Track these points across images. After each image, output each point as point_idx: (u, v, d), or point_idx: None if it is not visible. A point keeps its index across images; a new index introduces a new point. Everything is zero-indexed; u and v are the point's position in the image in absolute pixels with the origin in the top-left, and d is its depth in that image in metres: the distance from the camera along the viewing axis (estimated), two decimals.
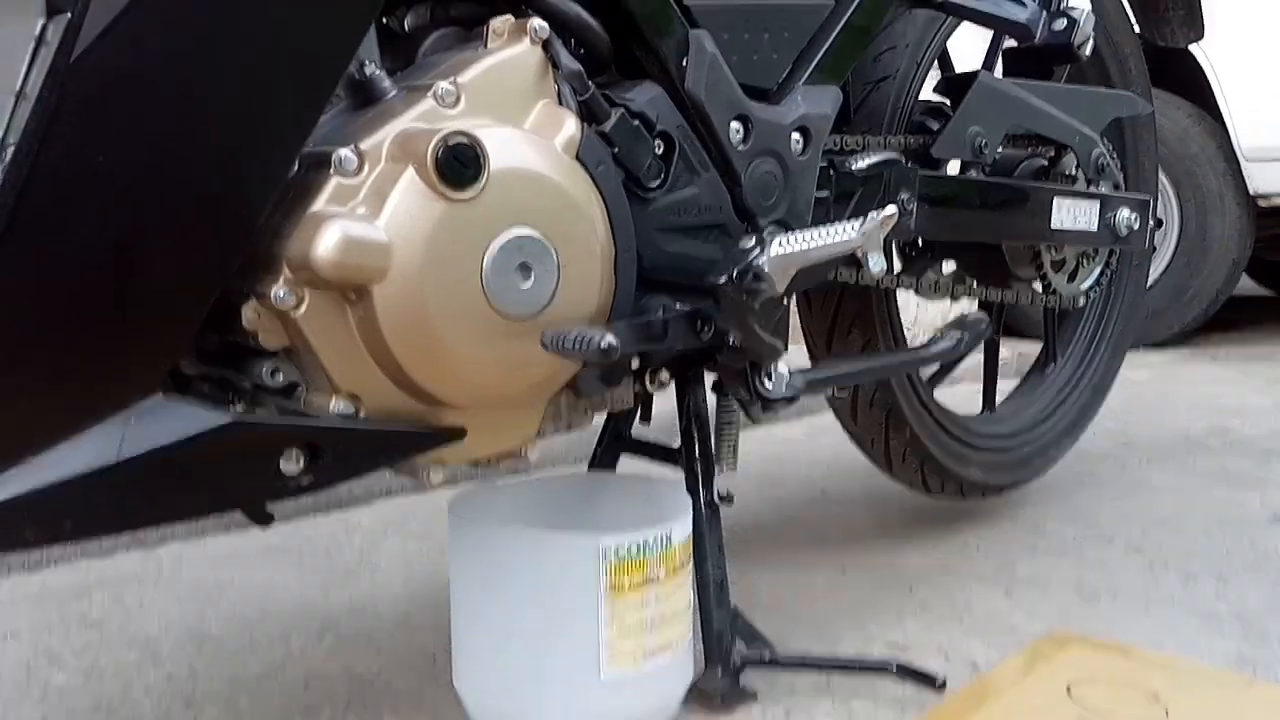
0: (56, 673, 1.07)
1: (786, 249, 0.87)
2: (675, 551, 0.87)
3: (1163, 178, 2.68)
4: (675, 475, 1.00)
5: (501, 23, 0.77)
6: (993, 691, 0.92)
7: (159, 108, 0.62)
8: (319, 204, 0.68)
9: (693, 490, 0.98)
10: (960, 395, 2.08)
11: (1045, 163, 1.32)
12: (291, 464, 0.71)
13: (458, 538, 0.88)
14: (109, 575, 1.36)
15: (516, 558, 0.85)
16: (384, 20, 0.80)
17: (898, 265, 1.35)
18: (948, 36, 1.26)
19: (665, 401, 1.03)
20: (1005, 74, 1.36)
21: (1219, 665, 1.02)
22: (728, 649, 0.96)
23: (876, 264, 0.96)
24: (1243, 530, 1.43)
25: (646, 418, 1.09)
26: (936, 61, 1.27)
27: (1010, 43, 1.37)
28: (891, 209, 0.87)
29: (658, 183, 0.86)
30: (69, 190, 0.61)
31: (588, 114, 0.80)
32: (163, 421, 0.66)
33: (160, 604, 1.26)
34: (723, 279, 0.88)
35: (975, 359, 1.63)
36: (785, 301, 1.02)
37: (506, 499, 0.97)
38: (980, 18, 1.15)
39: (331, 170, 0.68)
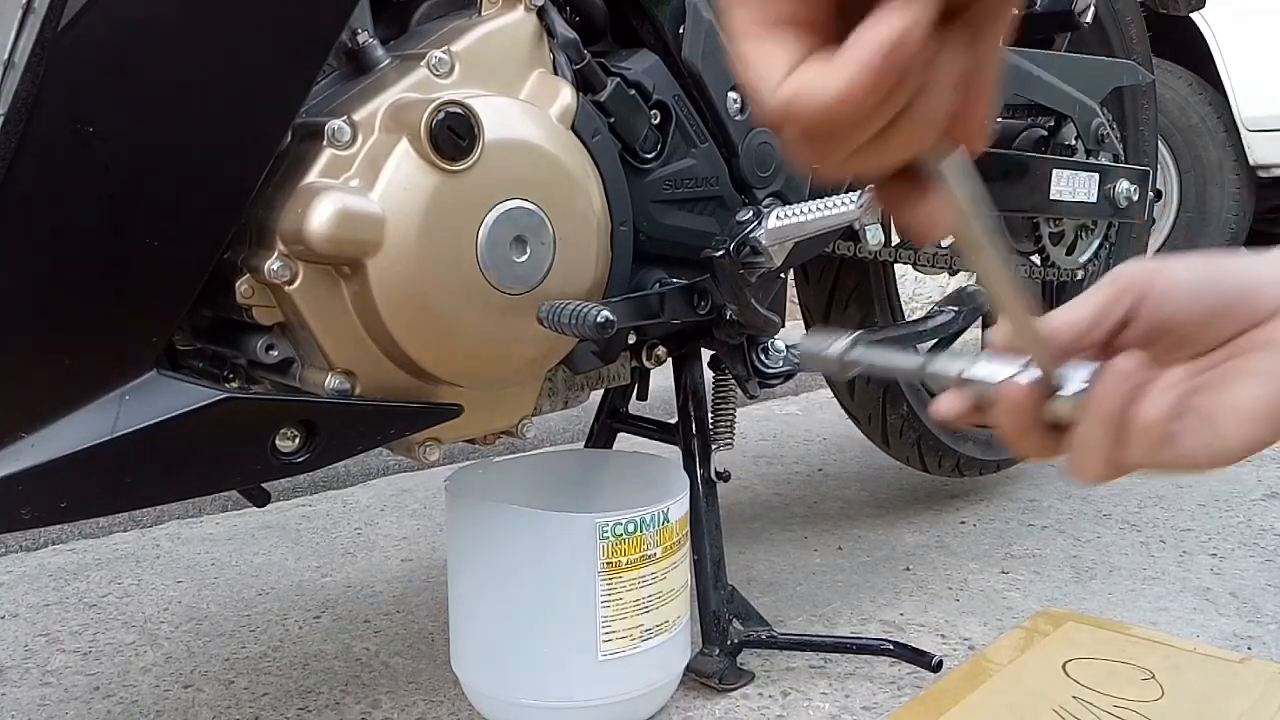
0: (55, 653, 1.07)
1: (784, 221, 0.86)
2: (672, 529, 0.87)
3: (1162, 148, 2.67)
4: (672, 452, 1.00)
5: None
6: (989, 670, 0.92)
7: (148, 77, 0.61)
8: (312, 176, 0.67)
9: (690, 467, 0.97)
10: None
11: (1044, 133, 1.31)
12: (287, 441, 0.70)
13: (455, 516, 0.88)
14: (106, 555, 1.36)
15: (513, 536, 0.84)
16: None
17: (895, 238, 1.35)
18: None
19: (662, 378, 1.03)
20: (1004, 42, 1.35)
21: (1214, 643, 1.02)
22: (725, 628, 0.95)
23: (874, 237, 0.95)
24: (1238, 507, 1.43)
25: (643, 394, 1.09)
26: None
27: None
28: None
29: (654, 154, 0.85)
30: (59, 162, 0.59)
31: (583, 83, 0.79)
32: (157, 398, 0.65)
33: (158, 584, 1.25)
34: (720, 252, 0.87)
35: (973, 334, 1.63)
36: (783, 275, 1.01)
37: (503, 477, 0.97)
38: None
39: (324, 142, 0.67)
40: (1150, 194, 1.41)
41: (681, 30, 0.85)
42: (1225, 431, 0.43)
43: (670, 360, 0.98)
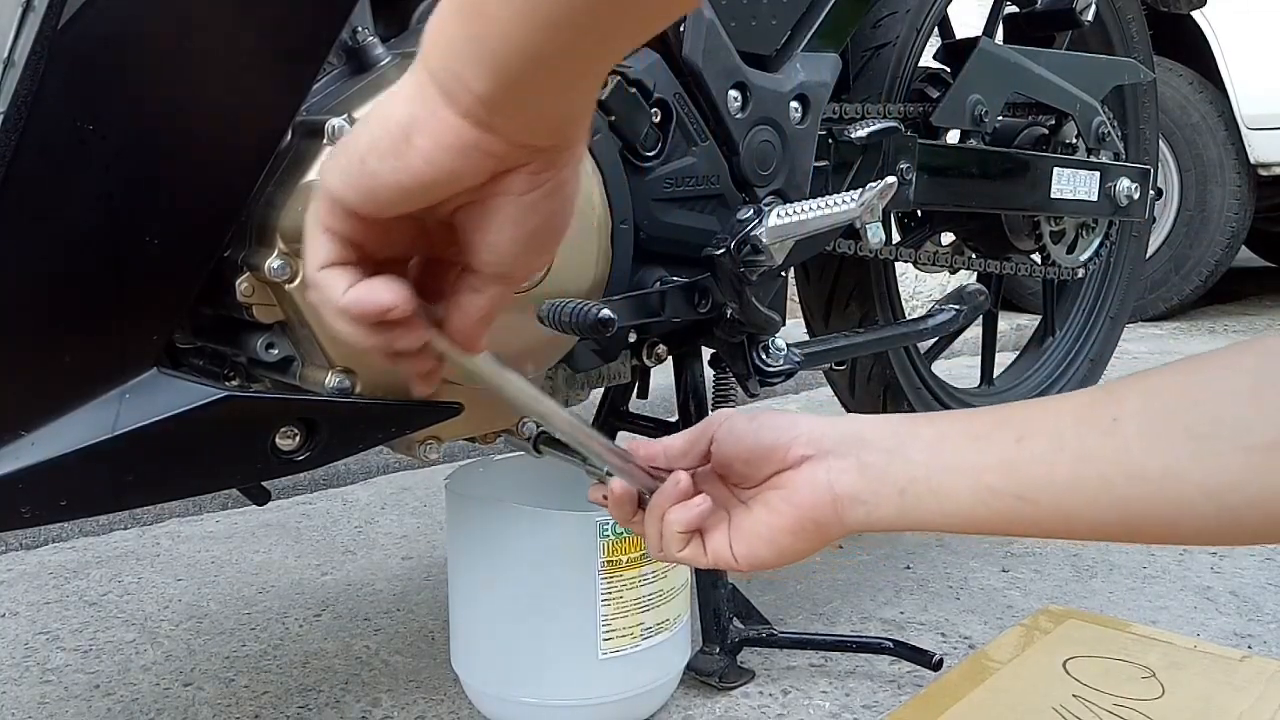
0: (55, 651, 1.07)
1: (785, 220, 0.86)
2: None
3: (1163, 146, 2.67)
4: None
5: None
6: (989, 668, 0.92)
7: (148, 75, 0.60)
8: (313, 174, 0.67)
9: None
10: (958, 368, 2.08)
11: (1045, 131, 1.31)
12: (287, 439, 0.70)
13: (455, 515, 0.88)
14: (106, 553, 1.36)
15: (514, 534, 0.84)
16: None
17: (896, 236, 1.35)
18: (948, 2, 1.25)
19: (663, 376, 1.03)
20: (1006, 40, 1.35)
21: (1214, 641, 1.02)
22: (725, 626, 0.95)
23: (875, 235, 0.95)
24: None
25: (644, 392, 1.08)
26: (937, 28, 1.25)
27: (1011, 8, 1.36)
28: (890, 179, 0.86)
29: (655, 152, 0.85)
30: (59, 160, 0.59)
31: None
32: (157, 396, 0.65)
33: (158, 582, 1.25)
34: (720, 250, 0.87)
35: (974, 332, 1.63)
36: (783, 273, 1.01)
37: (504, 475, 0.97)
38: None
39: (325, 140, 0.67)
40: (1151, 192, 1.41)
41: (682, 28, 0.85)
42: (738, 543, 0.55)
43: (671, 358, 0.98)
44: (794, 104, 0.95)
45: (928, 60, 1.22)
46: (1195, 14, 2.67)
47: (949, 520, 0.51)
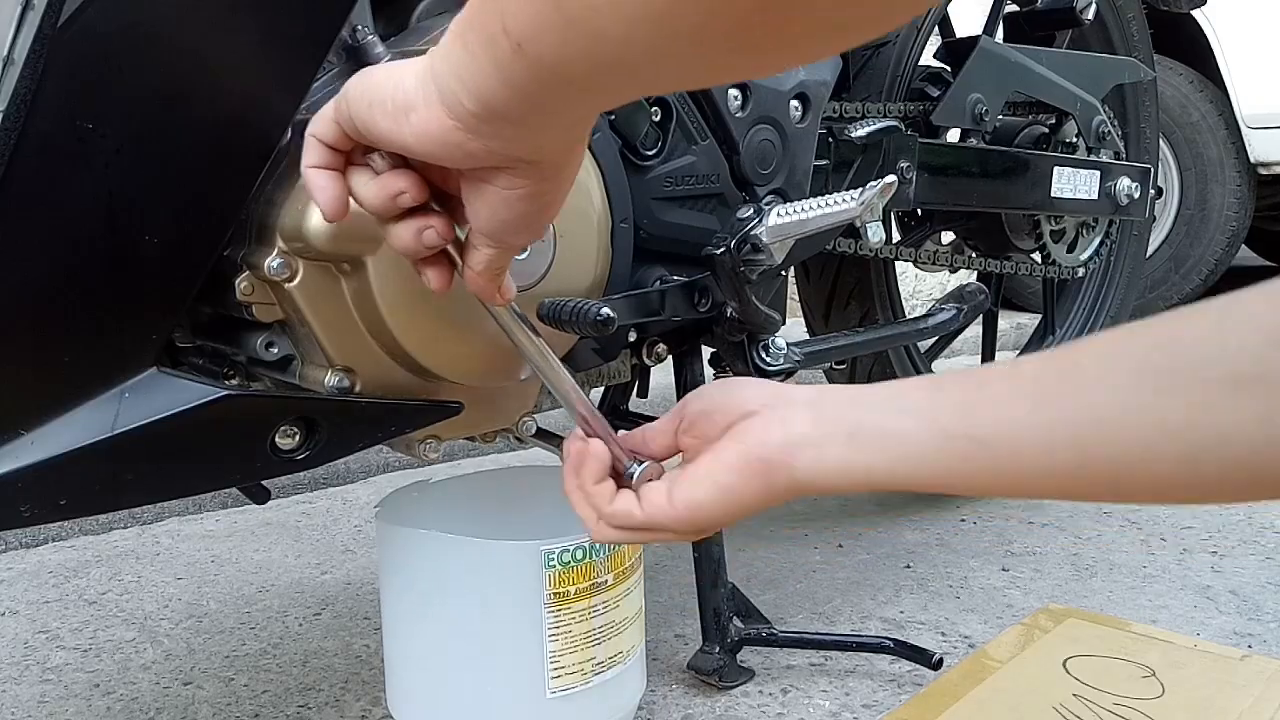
0: (55, 650, 1.07)
1: (785, 219, 0.86)
2: (624, 553, 0.80)
3: (1163, 145, 2.67)
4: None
5: None
6: (989, 667, 0.92)
7: (148, 74, 0.60)
8: None
9: None
10: (958, 368, 2.08)
11: (1046, 130, 1.31)
12: (287, 439, 0.70)
13: (387, 545, 0.80)
14: (106, 552, 1.36)
15: (451, 567, 0.77)
16: None
17: (896, 235, 1.35)
18: (948, 1, 1.25)
19: (663, 375, 1.03)
20: (1006, 39, 1.35)
21: (1214, 640, 1.02)
22: (725, 626, 0.95)
23: (875, 234, 0.95)
24: (1238, 505, 1.43)
25: (644, 392, 1.08)
26: (937, 27, 1.25)
27: (1011, 7, 1.36)
28: (891, 178, 0.86)
29: (655, 151, 0.85)
30: (58, 159, 0.59)
31: None
32: (157, 395, 0.65)
33: (158, 581, 1.25)
34: (720, 249, 0.87)
35: (974, 331, 1.63)
36: (783, 272, 1.01)
37: (440, 500, 0.89)
38: None
39: None
40: (1151, 191, 1.41)
41: None
42: (677, 490, 0.55)
43: (671, 358, 0.98)
44: (794, 103, 0.95)
45: (928, 59, 1.22)
46: (1195, 13, 2.67)
47: (898, 465, 0.50)
